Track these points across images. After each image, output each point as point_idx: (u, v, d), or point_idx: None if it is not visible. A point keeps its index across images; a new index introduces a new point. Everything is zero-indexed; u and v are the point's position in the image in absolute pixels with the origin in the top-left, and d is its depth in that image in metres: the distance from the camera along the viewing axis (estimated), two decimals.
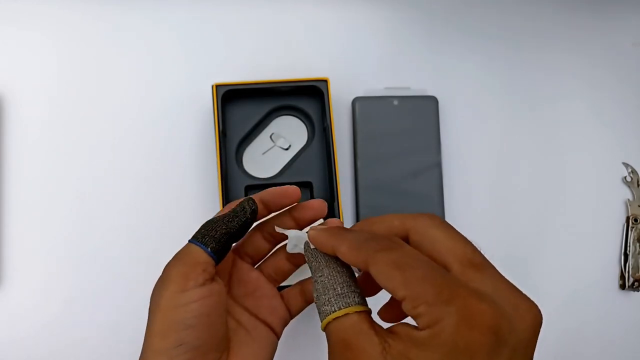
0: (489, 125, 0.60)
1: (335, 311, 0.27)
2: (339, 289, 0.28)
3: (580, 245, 0.59)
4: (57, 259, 0.55)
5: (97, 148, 0.57)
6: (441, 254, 0.27)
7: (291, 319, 0.40)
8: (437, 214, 0.57)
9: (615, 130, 0.61)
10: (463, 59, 0.61)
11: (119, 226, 0.56)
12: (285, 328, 0.40)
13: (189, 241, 0.35)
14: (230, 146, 0.56)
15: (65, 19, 0.58)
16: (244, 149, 0.57)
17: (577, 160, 0.61)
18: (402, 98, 0.58)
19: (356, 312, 0.27)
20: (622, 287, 0.59)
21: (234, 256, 0.40)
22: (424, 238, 0.28)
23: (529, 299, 0.26)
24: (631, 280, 0.59)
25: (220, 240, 0.35)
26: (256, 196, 0.37)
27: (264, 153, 0.57)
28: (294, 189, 0.37)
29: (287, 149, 0.57)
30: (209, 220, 0.36)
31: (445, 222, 0.29)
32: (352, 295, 0.28)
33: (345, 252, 0.29)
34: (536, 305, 0.26)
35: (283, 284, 0.54)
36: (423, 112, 0.58)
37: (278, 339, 0.39)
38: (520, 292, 0.26)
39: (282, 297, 0.40)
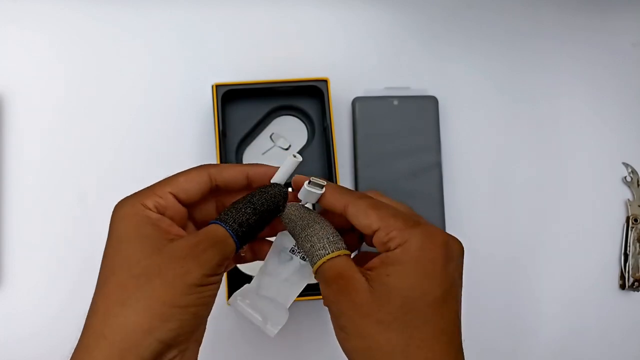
0: (489, 125, 0.60)
1: (330, 253, 0.33)
2: (331, 237, 0.34)
3: (580, 245, 0.59)
4: (57, 259, 0.55)
5: (97, 148, 0.57)
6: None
7: None
8: (437, 214, 0.57)
9: (615, 130, 0.61)
10: (463, 59, 0.61)
11: None
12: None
13: (218, 223, 0.34)
14: (230, 146, 0.56)
15: (66, 19, 0.58)
16: (244, 149, 0.57)
17: (577, 160, 0.61)
18: (402, 98, 0.58)
19: (345, 254, 0.34)
20: (622, 287, 0.59)
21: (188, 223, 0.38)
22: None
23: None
24: (631, 280, 0.59)
25: (247, 231, 0.34)
26: (241, 170, 0.36)
27: (264, 153, 0.57)
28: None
29: (287, 149, 0.57)
30: (238, 202, 0.35)
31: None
32: (341, 243, 0.34)
33: (329, 196, 0.35)
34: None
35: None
36: (423, 112, 0.58)
37: None
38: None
39: None
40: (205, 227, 0.34)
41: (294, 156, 0.36)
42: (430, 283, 0.31)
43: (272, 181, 0.36)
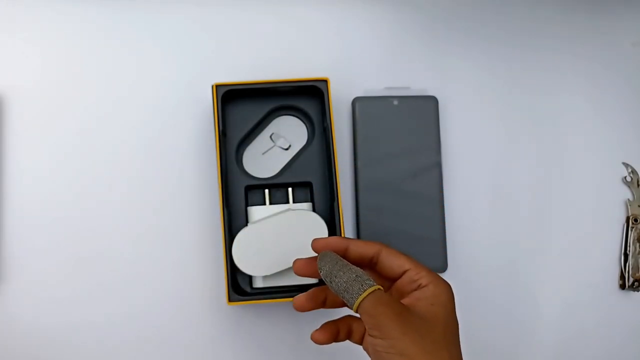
0: (489, 125, 0.60)
1: (371, 286, 0.38)
2: (364, 277, 0.38)
3: (580, 246, 0.59)
4: (56, 258, 0.55)
5: (96, 148, 0.57)
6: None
7: None
8: (437, 214, 0.57)
9: (616, 130, 0.61)
10: (463, 58, 0.61)
11: (119, 226, 0.56)
12: None
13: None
14: (230, 146, 0.56)
15: (66, 20, 0.58)
16: (244, 149, 0.57)
17: (577, 160, 0.61)
18: (402, 98, 0.58)
19: (381, 289, 0.38)
20: (622, 287, 0.59)
21: None
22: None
23: None
24: (631, 280, 0.59)
25: None
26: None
27: (264, 153, 0.57)
28: None
29: (287, 149, 0.57)
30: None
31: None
32: (372, 280, 0.38)
33: (360, 244, 0.42)
34: None
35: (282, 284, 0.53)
36: (423, 112, 0.58)
37: None
38: None
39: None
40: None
41: None
42: (454, 315, 0.39)
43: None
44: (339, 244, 0.42)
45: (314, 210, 0.55)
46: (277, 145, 0.57)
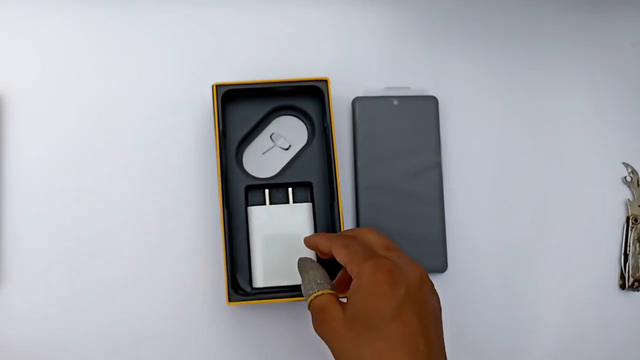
0: (489, 125, 0.60)
1: (316, 292, 0.43)
2: (318, 280, 0.44)
3: (580, 246, 0.59)
4: (56, 258, 0.55)
5: (96, 148, 0.57)
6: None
7: None
8: (437, 214, 0.57)
9: (616, 130, 0.61)
10: (463, 59, 0.61)
11: (119, 226, 0.56)
12: None
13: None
14: (230, 146, 0.56)
15: (66, 20, 0.58)
16: (244, 149, 0.57)
17: (577, 160, 0.61)
18: (402, 98, 0.58)
19: (329, 293, 0.43)
20: (622, 287, 0.59)
21: None
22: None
23: (417, 263, 0.42)
24: (631, 280, 0.59)
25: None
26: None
27: (264, 153, 0.57)
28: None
29: (287, 149, 0.57)
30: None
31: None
32: (327, 285, 0.44)
33: (322, 242, 0.46)
34: (422, 267, 0.42)
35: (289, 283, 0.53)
36: (423, 112, 0.58)
37: None
38: (413, 260, 0.43)
39: None
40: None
41: None
42: (381, 302, 0.39)
43: None
44: (311, 241, 0.48)
45: (314, 210, 0.55)
46: (277, 145, 0.57)
